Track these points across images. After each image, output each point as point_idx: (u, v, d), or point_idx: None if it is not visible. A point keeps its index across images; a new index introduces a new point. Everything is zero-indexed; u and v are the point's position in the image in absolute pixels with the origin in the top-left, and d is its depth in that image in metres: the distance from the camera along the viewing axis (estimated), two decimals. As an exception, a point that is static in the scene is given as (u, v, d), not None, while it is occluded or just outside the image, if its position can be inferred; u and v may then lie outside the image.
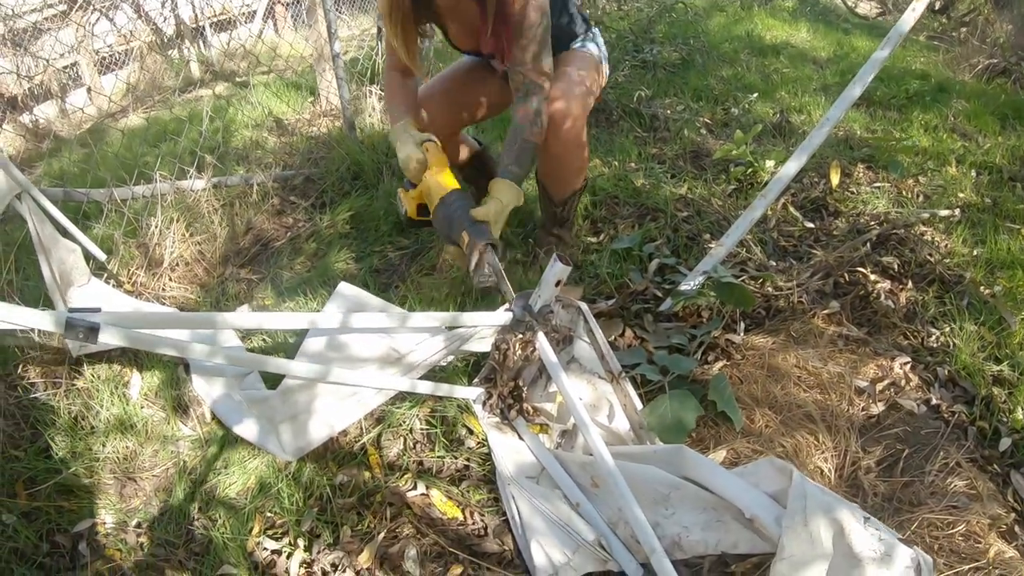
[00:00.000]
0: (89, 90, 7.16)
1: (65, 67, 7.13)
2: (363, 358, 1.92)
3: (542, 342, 1.82)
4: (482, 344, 2.01)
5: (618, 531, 1.61)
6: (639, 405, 1.85)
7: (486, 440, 1.90)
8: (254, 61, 5.76)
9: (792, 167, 2.10)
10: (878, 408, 1.87)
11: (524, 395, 1.94)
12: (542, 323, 1.85)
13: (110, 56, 7.38)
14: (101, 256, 2.56)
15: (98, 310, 1.42)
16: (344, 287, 2.06)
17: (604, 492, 1.67)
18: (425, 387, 1.92)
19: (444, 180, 2.06)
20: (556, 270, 1.78)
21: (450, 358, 2.06)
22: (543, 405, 1.93)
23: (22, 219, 2.32)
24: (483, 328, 1.95)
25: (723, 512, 1.50)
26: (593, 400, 1.91)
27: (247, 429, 2.00)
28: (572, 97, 2.13)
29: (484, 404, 1.97)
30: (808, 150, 2.10)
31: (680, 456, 1.59)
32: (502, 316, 1.88)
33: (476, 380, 2.04)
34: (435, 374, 2.05)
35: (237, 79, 6.21)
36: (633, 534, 1.54)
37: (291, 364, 1.74)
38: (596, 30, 2.39)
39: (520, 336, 1.87)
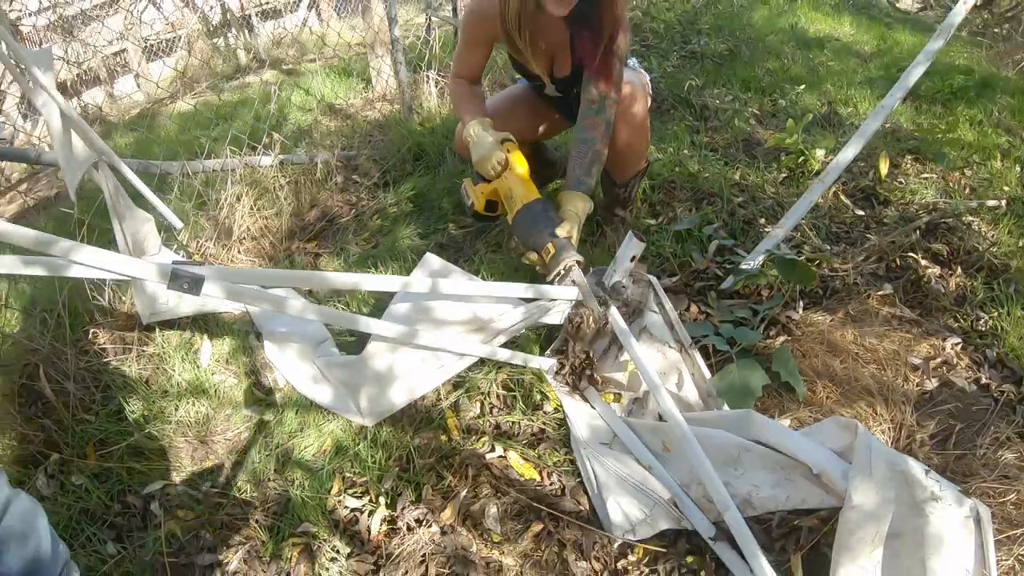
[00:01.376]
0: (137, 76, 7.28)
1: (114, 53, 7.25)
2: (448, 323, 2.00)
3: (614, 315, 1.89)
4: (554, 317, 2.09)
5: (690, 492, 1.67)
6: (708, 373, 1.93)
7: (561, 407, 1.97)
8: (306, 47, 5.85)
9: (849, 153, 2.18)
10: (932, 384, 1.93)
11: (595, 366, 2.02)
12: (615, 298, 1.93)
13: (157, 44, 7.49)
14: (178, 224, 2.60)
15: (202, 263, 1.50)
16: (430, 258, 2.14)
17: (676, 455, 1.74)
18: (503, 355, 2.00)
19: (527, 185, 2.17)
20: (632, 246, 1.85)
21: (523, 329, 2.14)
22: (614, 375, 2.00)
23: (90, 193, 2.36)
24: (558, 302, 2.04)
25: (791, 470, 1.55)
26: (663, 368, 1.98)
27: (322, 394, 2.08)
28: (636, 86, 2.28)
29: (556, 374, 2.05)
30: (864, 136, 2.17)
31: (748, 420, 1.65)
32: (576, 291, 1.96)
33: (548, 352, 2.11)
34: (511, 344, 2.13)
35: (284, 67, 6.31)
36: (705, 494, 1.61)
37: (383, 324, 1.82)
38: (635, 60, 2.52)
39: (593, 312, 1.95)
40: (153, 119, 5.12)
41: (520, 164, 2.22)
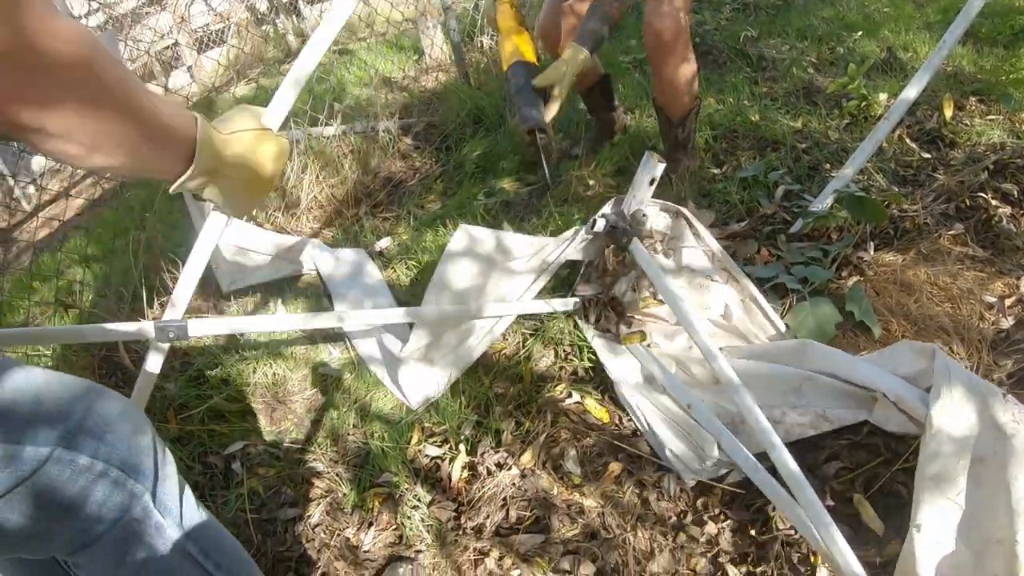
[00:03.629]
0: (190, 69, 7.42)
1: (165, 48, 7.39)
2: (480, 289, 2.02)
3: (637, 248, 1.81)
4: (578, 253, 2.04)
5: (740, 426, 1.63)
6: (760, 297, 1.92)
7: (593, 352, 1.97)
8: (355, 27, 5.90)
9: (914, 90, 2.15)
10: (1008, 323, 1.89)
11: (625, 304, 1.99)
12: (636, 227, 1.84)
13: (207, 35, 7.61)
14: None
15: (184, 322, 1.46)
16: (467, 228, 2.08)
17: (723, 388, 1.68)
18: (528, 307, 2.02)
19: (510, 45, 2.22)
20: (649, 167, 1.76)
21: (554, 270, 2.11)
22: (655, 309, 1.98)
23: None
24: (579, 239, 1.98)
25: (861, 400, 1.51)
26: (707, 302, 1.95)
27: (378, 367, 2.12)
28: (674, 13, 2.19)
29: (582, 315, 2.02)
30: (929, 71, 2.14)
31: (807, 350, 1.62)
32: (596, 228, 1.88)
33: (572, 291, 2.08)
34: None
35: (334, 48, 6.36)
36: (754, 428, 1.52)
37: (417, 311, 1.87)
38: None
39: (613, 245, 1.89)
40: (210, 107, 5.21)
41: (503, 22, 2.28)
